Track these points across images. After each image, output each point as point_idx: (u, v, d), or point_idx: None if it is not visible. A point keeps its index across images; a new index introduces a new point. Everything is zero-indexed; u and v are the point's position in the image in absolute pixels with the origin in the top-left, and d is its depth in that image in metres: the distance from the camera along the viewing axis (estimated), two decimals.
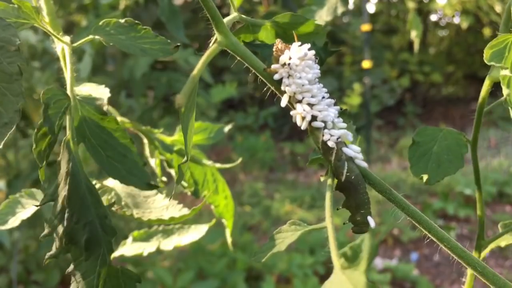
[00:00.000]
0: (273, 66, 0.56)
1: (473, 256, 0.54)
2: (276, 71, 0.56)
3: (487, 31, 7.03)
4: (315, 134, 0.55)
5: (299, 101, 0.55)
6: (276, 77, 0.56)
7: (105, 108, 0.61)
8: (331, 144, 0.54)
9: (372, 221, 0.52)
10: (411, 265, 3.55)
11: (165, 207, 0.77)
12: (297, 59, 0.55)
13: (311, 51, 0.55)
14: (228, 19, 0.62)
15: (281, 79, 0.56)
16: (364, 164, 0.54)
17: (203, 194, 0.93)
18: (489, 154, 5.63)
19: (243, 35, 0.66)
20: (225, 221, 0.97)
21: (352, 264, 0.37)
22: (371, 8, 7.63)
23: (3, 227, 0.77)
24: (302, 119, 0.55)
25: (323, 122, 0.55)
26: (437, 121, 7.44)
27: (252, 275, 3.27)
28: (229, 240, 0.98)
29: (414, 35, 3.40)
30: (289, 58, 0.55)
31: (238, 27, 0.66)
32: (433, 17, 8.56)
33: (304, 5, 1.00)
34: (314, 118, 0.55)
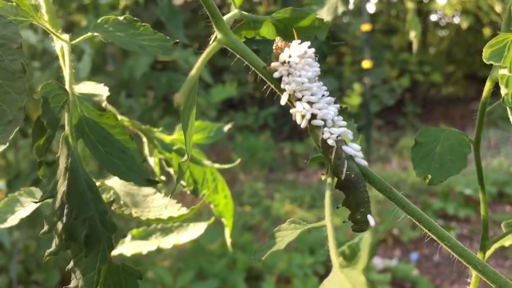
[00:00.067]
0: (273, 64, 0.56)
1: (473, 254, 0.53)
2: (275, 69, 0.56)
3: (487, 31, 7.03)
4: (314, 132, 0.55)
5: (299, 99, 0.55)
6: (276, 75, 0.56)
7: (104, 104, 0.61)
8: (331, 142, 0.54)
9: (372, 220, 0.52)
10: (411, 265, 3.54)
11: (164, 206, 0.76)
12: (297, 57, 0.54)
13: (311, 49, 0.55)
14: (228, 16, 0.62)
15: (281, 77, 0.56)
16: (364, 163, 0.54)
17: (202, 193, 0.93)
18: (489, 154, 5.63)
19: (244, 31, 0.66)
20: (224, 221, 0.96)
21: (350, 263, 0.37)
22: (371, 8, 7.64)
23: (2, 225, 0.77)
24: (302, 117, 0.55)
25: (323, 120, 0.54)
26: (437, 121, 7.44)
27: (252, 275, 3.27)
28: (228, 240, 0.97)
29: (413, 35, 3.40)
30: (289, 56, 0.55)
31: (239, 24, 0.66)
32: (433, 17, 8.57)
33: (304, 4, 1.00)
34: (313, 116, 0.55)
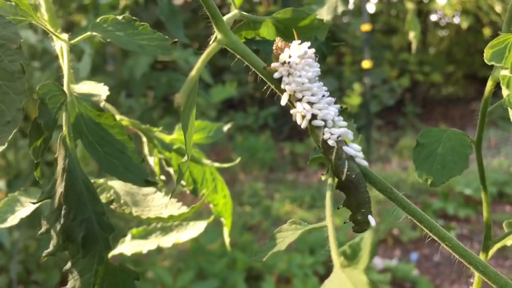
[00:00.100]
0: (273, 65, 0.56)
1: (474, 255, 0.53)
2: (276, 69, 0.56)
3: (487, 31, 7.03)
4: (315, 133, 0.55)
5: (299, 100, 0.55)
6: (276, 75, 0.56)
7: (102, 104, 0.61)
8: (331, 143, 0.54)
9: (372, 220, 0.52)
10: (411, 265, 3.54)
11: (164, 205, 0.76)
12: (297, 57, 0.54)
13: (311, 49, 0.55)
14: (228, 16, 0.62)
15: (281, 77, 0.55)
16: (365, 163, 0.54)
17: (201, 192, 0.93)
18: (489, 154, 5.63)
19: (244, 32, 0.66)
20: (223, 220, 0.97)
21: (351, 263, 0.36)
22: (371, 8, 7.64)
23: (2, 225, 0.77)
24: (302, 117, 0.55)
25: (323, 120, 0.54)
26: (437, 121, 7.44)
27: (252, 275, 3.27)
28: (227, 239, 0.98)
29: (412, 36, 3.40)
30: (289, 56, 0.55)
31: (239, 24, 0.66)
32: (433, 17, 8.56)
33: (304, 4, 1.00)
34: (314, 117, 0.54)
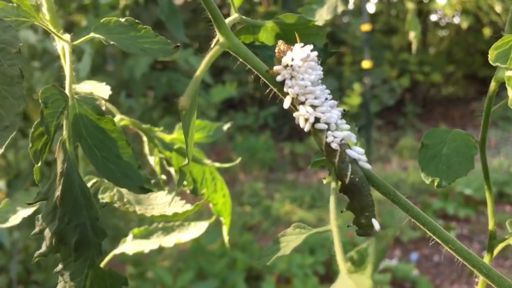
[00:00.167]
0: (276, 68, 0.56)
1: (478, 258, 0.53)
2: (278, 72, 0.55)
3: (487, 31, 7.04)
4: (318, 136, 0.54)
5: (302, 103, 0.54)
6: (279, 78, 0.56)
7: (103, 108, 0.61)
8: (335, 146, 0.53)
9: (376, 224, 0.51)
10: (411, 265, 3.54)
11: (167, 203, 0.76)
12: (299, 60, 0.54)
13: (314, 52, 0.55)
14: (229, 20, 0.61)
15: (283, 80, 0.55)
16: (368, 166, 0.54)
17: (201, 192, 0.93)
18: (489, 154, 5.61)
19: (243, 36, 0.66)
20: (222, 219, 0.97)
21: (359, 268, 0.36)
22: (371, 8, 7.63)
23: (3, 225, 0.76)
24: (305, 121, 0.54)
25: (327, 124, 0.54)
26: (437, 121, 7.44)
27: (252, 275, 3.27)
28: (226, 237, 0.98)
29: (412, 36, 3.40)
30: (292, 59, 0.55)
31: (239, 28, 0.66)
32: (433, 17, 8.56)
33: (304, 4, 1.00)
34: (317, 120, 0.54)
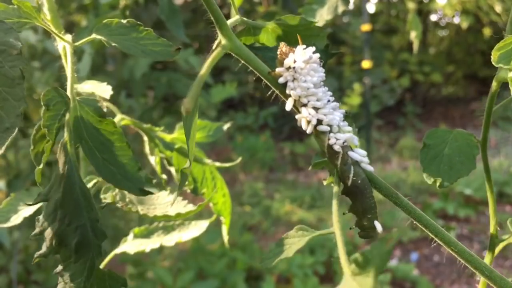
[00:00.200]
0: (278, 70, 0.55)
1: (480, 260, 0.53)
2: (280, 74, 0.55)
3: (487, 31, 7.04)
4: (320, 138, 0.54)
5: (304, 105, 0.54)
6: (281, 80, 0.55)
7: (105, 110, 0.61)
8: (337, 148, 0.53)
9: (379, 226, 0.51)
10: (411, 265, 3.54)
11: (169, 203, 0.76)
12: (302, 62, 0.54)
13: (316, 54, 0.55)
14: (230, 22, 0.61)
15: (286, 82, 0.55)
16: (370, 168, 0.54)
17: (202, 191, 0.93)
18: (489, 154, 5.61)
19: (244, 37, 0.66)
20: (222, 219, 0.98)
21: (363, 271, 0.36)
22: (371, 8, 7.63)
23: (5, 224, 0.76)
24: (308, 123, 0.54)
25: (329, 126, 0.54)
26: (437, 121, 7.44)
27: (252, 275, 3.27)
28: (225, 237, 0.99)
29: (413, 35, 3.39)
30: (294, 61, 0.55)
31: (239, 29, 0.66)
32: (433, 17, 8.56)
33: (305, 4, 1.00)
34: (319, 122, 0.54)
